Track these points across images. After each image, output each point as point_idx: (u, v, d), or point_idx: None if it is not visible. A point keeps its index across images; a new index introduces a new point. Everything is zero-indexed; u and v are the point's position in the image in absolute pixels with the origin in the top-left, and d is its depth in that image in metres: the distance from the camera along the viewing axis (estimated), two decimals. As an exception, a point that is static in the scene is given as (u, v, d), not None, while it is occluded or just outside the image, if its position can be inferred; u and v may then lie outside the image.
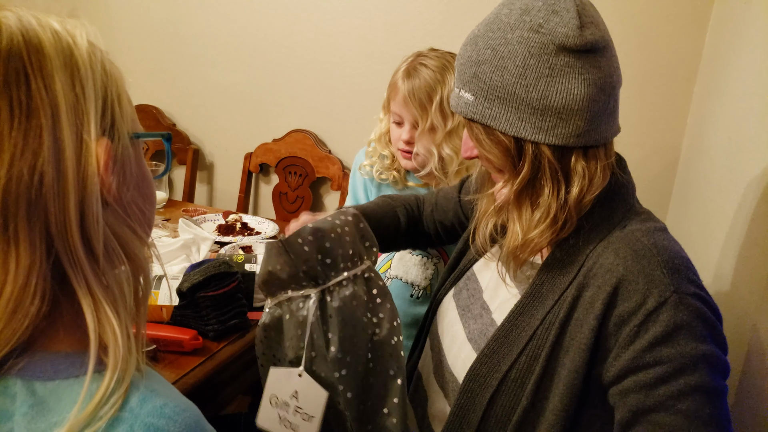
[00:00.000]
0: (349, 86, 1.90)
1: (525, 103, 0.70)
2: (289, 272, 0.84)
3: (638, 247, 0.70)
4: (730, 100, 1.19)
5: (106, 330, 0.47)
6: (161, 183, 1.73)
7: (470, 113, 0.74)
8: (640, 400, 0.66)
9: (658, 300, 0.66)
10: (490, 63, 0.71)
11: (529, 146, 0.72)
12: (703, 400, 0.65)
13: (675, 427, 0.64)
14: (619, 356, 0.68)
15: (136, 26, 2.16)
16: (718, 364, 0.66)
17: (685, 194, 1.45)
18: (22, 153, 0.43)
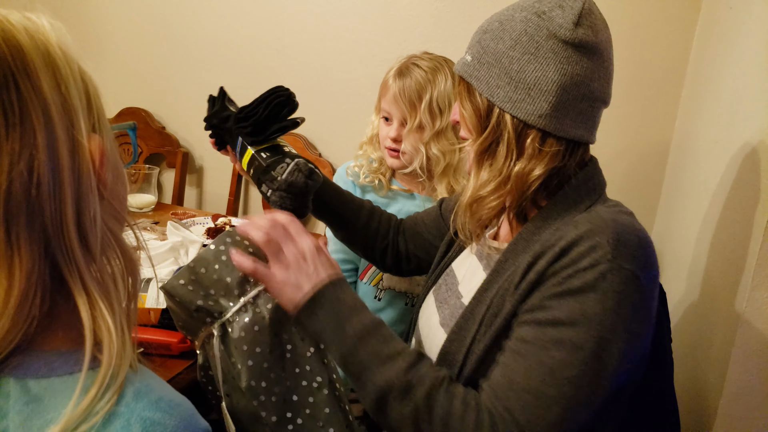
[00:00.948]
0: (340, 90, 1.90)
1: (506, 71, 0.77)
2: (187, 314, 0.82)
3: (596, 220, 0.72)
4: (717, 104, 1.20)
5: (101, 326, 0.47)
6: (150, 186, 1.72)
7: (462, 72, 0.82)
8: (527, 333, 0.70)
9: (591, 263, 0.68)
10: (493, 32, 0.79)
11: (497, 111, 0.78)
12: (575, 360, 0.66)
13: (533, 370, 0.67)
14: (534, 293, 0.71)
15: (126, 28, 2.15)
16: (614, 341, 0.67)
17: (673, 196, 1.47)
18: (20, 156, 0.43)
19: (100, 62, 2.18)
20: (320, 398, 0.81)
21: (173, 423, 0.46)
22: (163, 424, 0.45)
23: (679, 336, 1.11)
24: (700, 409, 1.01)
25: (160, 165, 2.15)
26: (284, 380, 0.81)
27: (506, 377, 0.69)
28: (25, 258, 0.44)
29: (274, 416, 0.80)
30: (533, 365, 0.68)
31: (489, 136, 0.79)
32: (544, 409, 0.66)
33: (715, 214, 1.08)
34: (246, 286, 0.81)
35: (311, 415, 0.82)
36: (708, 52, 1.35)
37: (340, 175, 1.45)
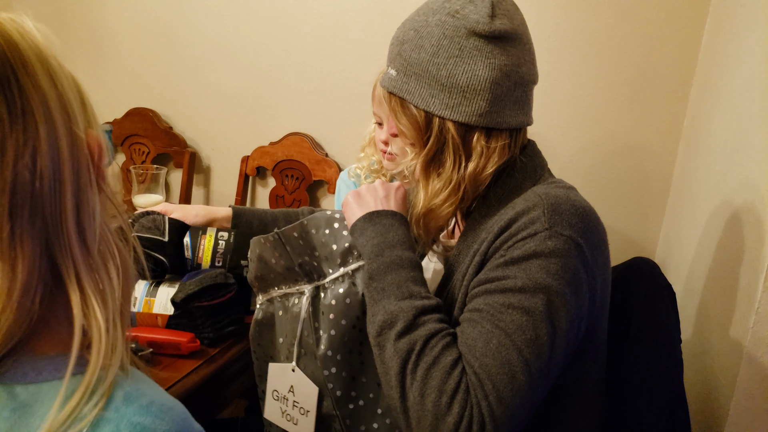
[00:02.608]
0: (347, 89, 1.90)
1: (435, 79, 0.77)
2: (285, 266, 0.84)
3: (530, 197, 0.74)
4: (727, 103, 1.19)
5: (92, 325, 0.46)
6: (158, 186, 1.72)
7: (390, 87, 0.81)
8: (478, 303, 0.71)
9: (529, 232, 0.70)
10: (411, 42, 0.78)
11: (436, 120, 0.78)
12: (529, 324, 0.67)
13: (490, 334, 0.68)
14: (481, 274, 0.73)
15: (133, 29, 2.15)
16: (564, 305, 0.68)
17: (682, 196, 1.46)
18: (24, 149, 0.43)
19: (107, 63, 2.19)
20: None
21: (164, 428, 0.44)
22: (153, 430, 0.44)
23: (690, 337, 1.11)
24: (711, 411, 1.00)
25: (167, 165, 2.15)
26: (359, 359, 0.83)
27: (466, 345, 0.69)
28: (28, 252, 0.44)
29: (339, 390, 0.83)
30: (490, 329, 0.69)
31: (433, 146, 0.79)
32: (507, 375, 0.66)
33: (726, 214, 1.07)
34: (348, 258, 0.82)
35: (374, 399, 0.84)
36: (717, 50, 1.34)
37: (342, 179, 1.47)
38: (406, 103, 0.80)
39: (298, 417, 0.87)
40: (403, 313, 0.72)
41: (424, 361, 0.69)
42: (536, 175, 0.82)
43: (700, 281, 1.17)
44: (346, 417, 0.84)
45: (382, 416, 0.84)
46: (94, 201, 0.48)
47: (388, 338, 0.72)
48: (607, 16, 1.53)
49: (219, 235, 1.10)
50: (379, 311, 0.74)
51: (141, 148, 2.19)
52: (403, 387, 0.69)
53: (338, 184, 1.49)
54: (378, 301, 0.75)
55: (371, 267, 0.77)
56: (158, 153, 2.17)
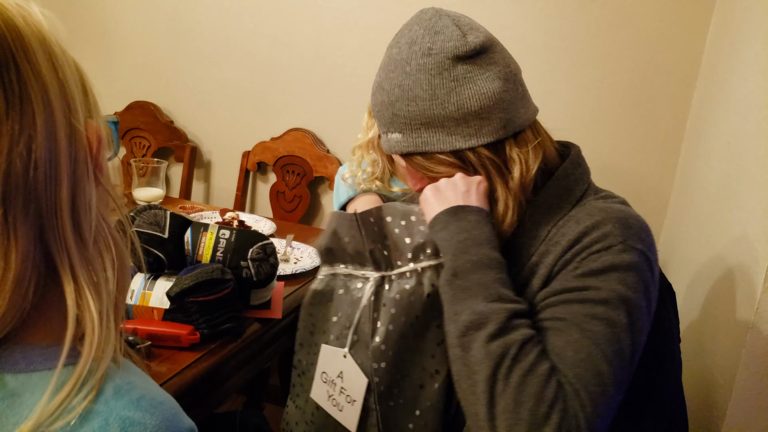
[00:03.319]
0: (349, 86, 1.90)
1: (446, 118, 0.76)
2: (355, 248, 0.84)
3: (594, 212, 0.74)
4: (730, 106, 1.19)
5: (86, 317, 0.46)
6: (158, 179, 1.72)
7: (405, 149, 0.80)
8: (558, 312, 0.70)
9: (604, 245, 0.70)
10: (401, 99, 0.78)
11: (468, 153, 0.77)
12: (614, 336, 0.67)
13: (579, 343, 0.67)
14: (555, 283, 0.72)
15: (135, 22, 2.15)
16: (640, 318, 0.69)
17: (683, 198, 1.46)
18: (19, 137, 0.43)
19: (109, 56, 2.18)
20: (428, 389, 0.82)
21: (154, 423, 0.44)
22: (143, 424, 0.43)
23: (689, 337, 1.11)
24: (709, 410, 1.00)
25: (168, 159, 2.15)
26: (409, 358, 0.82)
27: (554, 353, 0.68)
28: (21, 241, 0.43)
29: (383, 386, 0.82)
30: (577, 338, 0.67)
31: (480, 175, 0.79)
32: (601, 389, 0.66)
33: (726, 216, 1.07)
34: (420, 254, 0.80)
35: (414, 399, 0.82)
36: (721, 53, 1.34)
37: (339, 185, 1.45)
38: (429, 155, 0.79)
39: (344, 404, 0.86)
40: (494, 314, 0.68)
41: (519, 366, 0.65)
42: (583, 182, 0.81)
43: (700, 282, 1.17)
44: (384, 413, 0.83)
45: (419, 417, 0.82)
46: (90, 193, 0.48)
47: (475, 339, 0.68)
48: (610, 18, 1.53)
49: (220, 233, 1.09)
50: (464, 310, 0.70)
51: (142, 142, 2.19)
52: (492, 393, 0.65)
53: (336, 179, 1.48)
54: (462, 300, 0.71)
55: (456, 264, 0.73)
56: (159, 147, 2.17)
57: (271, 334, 1.15)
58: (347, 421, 0.87)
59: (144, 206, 1.10)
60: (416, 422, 0.83)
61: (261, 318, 1.12)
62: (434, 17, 0.79)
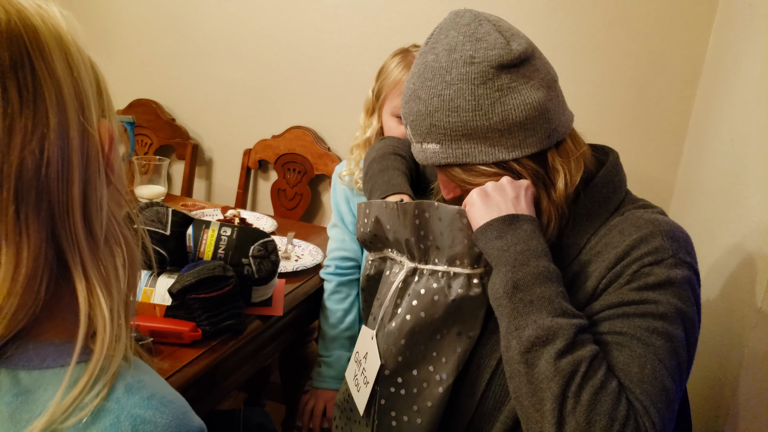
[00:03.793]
0: (350, 83, 1.90)
1: (490, 129, 0.73)
2: (395, 236, 0.85)
3: (641, 224, 0.73)
4: (734, 103, 1.19)
5: (97, 315, 0.46)
6: (160, 177, 1.72)
7: (443, 160, 0.77)
8: (617, 326, 0.69)
9: (656, 258, 0.70)
10: (441, 110, 0.74)
11: (512, 165, 0.75)
12: (674, 350, 0.68)
13: (643, 358, 0.66)
14: (607, 296, 0.71)
15: (136, 20, 2.15)
16: (694, 332, 0.70)
17: (686, 195, 1.45)
18: (32, 135, 0.43)
19: (110, 54, 2.18)
20: (432, 390, 0.82)
21: (164, 421, 0.45)
22: (153, 423, 0.44)
23: (691, 336, 1.10)
24: (712, 408, 1.00)
25: (169, 157, 2.15)
26: (419, 352, 0.83)
27: (618, 369, 0.67)
28: (33, 238, 0.44)
29: (388, 369, 0.84)
30: (641, 353, 0.67)
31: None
32: (664, 402, 0.66)
33: (730, 214, 1.07)
34: (456, 261, 0.79)
35: (415, 395, 0.84)
36: (725, 50, 1.33)
37: (336, 184, 1.43)
38: (469, 167, 0.77)
39: (361, 385, 0.89)
40: (562, 330, 0.66)
41: (590, 384, 0.64)
42: (622, 189, 0.81)
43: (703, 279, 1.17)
44: (383, 398, 0.84)
45: (416, 413, 0.83)
46: (101, 191, 0.48)
47: (542, 355, 0.66)
48: (613, 15, 1.53)
49: (222, 230, 1.09)
50: (529, 325, 0.67)
51: (144, 140, 2.19)
52: (561, 411, 0.63)
53: (333, 179, 1.45)
54: (525, 314, 0.68)
55: (517, 276, 0.70)
56: (161, 144, 2.16)
57: (272, 331, 1.16)
58: (359, 402, 0.89)
59: (146, 203, 1.10)
60: (411, 417, 0.84)
61: (262, 315, 1.12)
62: (473, 22, 0.76)
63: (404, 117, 0.81)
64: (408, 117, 0.79)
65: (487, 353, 0.78)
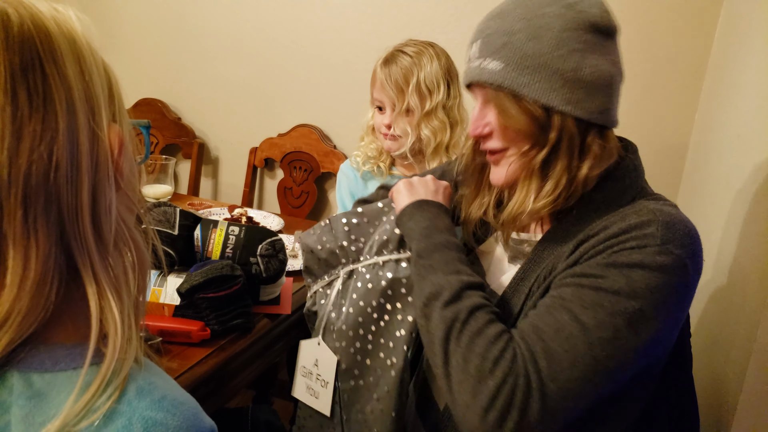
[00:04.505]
0: (355, 81, 1.90)
1: (558, 73, 0.72)
2: (329, 250, 0.93)
3: (643, 212, 0.72)
4: (740, 98, 1.18)
5: (108, 318, 0.47)
6: (167, 176, 1.73)
7: (499, 80, 0.74)
8: (564, 292, 0.70)
9: (640, 244, 0.68)
10: (523, 33, 0.73)
11: (557, 117, 0.73)
12: (611, 324, 0.66)
13: (565, 324, 0.67)
14: (577, 267, 0.71)
15: (142, 19, 2.16)
16: (652, 317, 0.67)
17: (691, 192, 1.45)
18: (41, 139, 0.43)
19: (117, 53, 2.19)
20: (387, 376, 0.89)
21: (176, 423, 0.45)
22: (165, 425, 0.44)
23: (699, 332, 1.10)
24: (719, 405, 1.00)
25: (176, 156, 2.16)
26: (367, 341, 0.90)
27: (533, 325, 0.69)
28: (42, 242, 0.44)
29: (344, 364, 0.92)
30: (566, 319, 0.67)
31: (549, 145, 0.74)
32: (569, 362, 0.66)
33: (736, 210, 1.07)
34: (384, 249, 0.88)
35: (373, 383, 0.90)
36: (731, 44, 1.33)
37: (343, 171, 1.51)
38: (519, 98, 0.74)
39: (319, 390, 0.95)
40: (449, 285, 0.74)
41: (468, 329, 0.70)
42: (639, 184, 0.80)
43: (710, 274, 1.17)
44: (345, 392, 0.91)
45: (378, 402, 0.89)
46: (110, 196, 0.48)
47: (434, 308, 0.73)
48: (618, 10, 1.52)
49: (230, 230, 1.10)
50: (426, 285, 0.76)
51: (150, 139, 2.20)
52: (446, 353, 0.70)
53: (339, 176, 1.51)
54: (425, 276, 0.77)
55: (420, 246, 0.80)
56: (167, 144, 2.17)
57: (281, 329, 1.16)
58: (322, 406, 0.95)
59: (154, 203, 1.11)
60: (374, 407, 0.89)
61: (270, 314, 1.13)
62: None
63: (479, 32, 0.78)
64: (484, 32, 0.77)
65: None
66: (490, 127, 0.79)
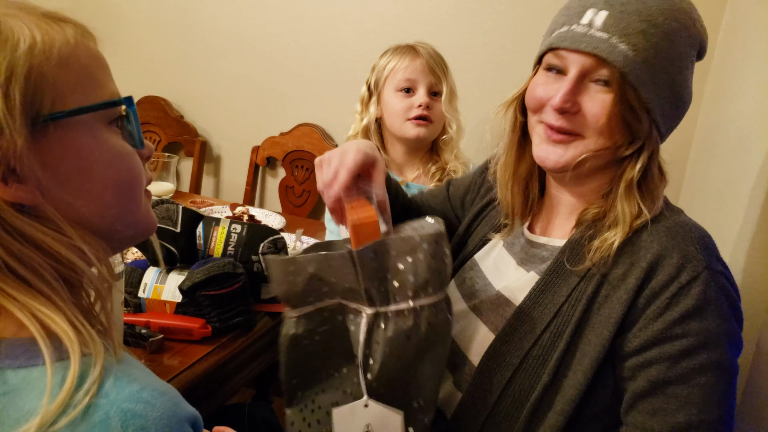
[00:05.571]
0: (358, 81, 1.89)
1: (671, 83, 0.71)
2: (348, 286, 0.74)
3: (670, 225, 0.72)
4: (742, 99, 1.18)
5: (52, 327, 0.45)
6: (169, 174, 1.73)
7: (627, 67, 0.69)
8: (662, 371, 0.68)
9: (692, 274, 0.68)
10: (662, 28, 0.69)
11: (649, 124, 0.71)
12: (720, 376, 0.67)
13: (691, 400, 0.66)
14: (647, 327, 0.69)
15: (145, 17, 2.16)
16: (736, 342, 0.69)
17: (693, 194, 1.45)
18: None
19: (119, 51, 2.19)
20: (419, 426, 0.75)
21: (155, 414, 0.44)
22: (144, 416, 0.43)
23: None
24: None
25: (178, 154, 2.16)
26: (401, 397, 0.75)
27: (667, 423, 0.67)
28: None
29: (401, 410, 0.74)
30: (686, 401, 0.67)
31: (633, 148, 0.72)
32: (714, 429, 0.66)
33: (738, 211, 1.07)
34: (421, 293, 0.72)
35: None
36: (734, 46, 1.33)
37: None
38: (637, 93, 0.69)
39: None
40: None
41: None
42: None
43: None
44: None
45: None
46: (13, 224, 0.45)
47: None
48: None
49: (232, 227, 1.10)
50: None
51: (152, 137, 2.20)
52: None
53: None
54: None
55: None
56: (169, 141, 2.18)
57: (282, 328, 1.16)
58: None
59: (156, 200, 1.11)
60: None
61: (271, 312, 1.13)
62: None
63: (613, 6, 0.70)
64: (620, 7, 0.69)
65: (508, 351, 0.76)
66: (578, 106, 0.72)
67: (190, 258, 1.09)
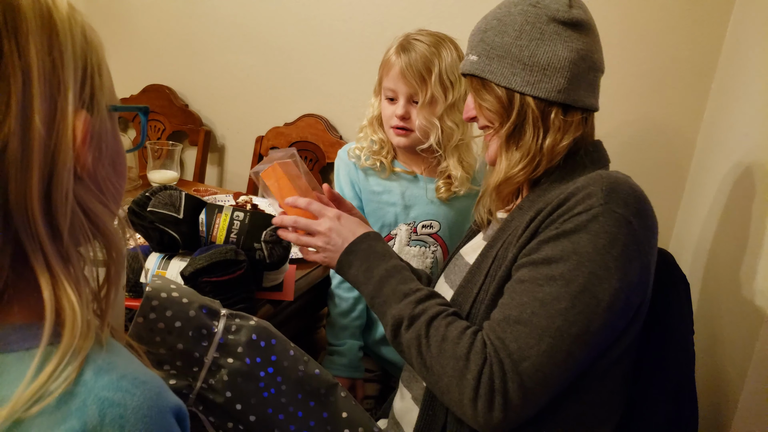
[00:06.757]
0: (363, 72, 1.90)
1: (518, 59, 0.84)
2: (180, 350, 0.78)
3: (592, 176, 0.78)
4: (748, 97, 1.17)
5: (65, 307, 0.44)
6: (173, 162, 1.74)
7: (472, 70, 0.89)
8: (524, 273, 0.76)
9: (584, 207, 0.73)
10: (494, 29, 0.87)
11: (518, 97, 0.85)
12: (566, 294, 0.71)
13: (526, 305, 0.73)
14: (532, 243, 0.77)
15: (151, 6, 2.16)
16: (606, 277, 0.71)
17: (698, 189, 1.44)
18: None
19: (125, 40, 2.19)
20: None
21: (135, 403, 0.43)
22: (123, 405, 0.42)
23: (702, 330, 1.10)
24: (720, 404, 1.00)
25: (182, 142, 2.16)
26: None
27: (502, 313, 0.75)
28: None
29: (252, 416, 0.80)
30: (526, 300, 0.73)
31: (514, 121, 0.86)
32: (535, 338, 0.71)
33: (742, 209, 1.06)
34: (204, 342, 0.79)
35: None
36: (741, 43, 1.32)
37: (341, 158, 1.45)
38: (487, 83, 0.87)
39: None
40: (405, 311, 0.82)
41: (432, 340, 0.78)
42: (600, 164, 0.88)
43: (713, 274, 1.16)
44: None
45: None
46: (68, 185, 0.45)
47: (401, 336, 0.82)
48: (628, 6, 1.51)
49: (235, 215, 1.10)
50: (387, 318, 0.84)
51: (157, 125, 2.20)
52: (426, 367, 0.78)
53: (337, 162, 1.47)
54: (384, 312, 0.85)
55: (368, 290, 0.88)
56: (174, 130, 2.18)
57: (283, 316, 1.17)
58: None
59: (159, 187, 1.11)
60: None
61: (273, 300, 1.13)
62: None
63: (470, 34, 0.93)
64: (472, 32, 0.92)
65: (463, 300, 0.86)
66: (474, 111, 0.91)
67: (192, 244, 1.10)
